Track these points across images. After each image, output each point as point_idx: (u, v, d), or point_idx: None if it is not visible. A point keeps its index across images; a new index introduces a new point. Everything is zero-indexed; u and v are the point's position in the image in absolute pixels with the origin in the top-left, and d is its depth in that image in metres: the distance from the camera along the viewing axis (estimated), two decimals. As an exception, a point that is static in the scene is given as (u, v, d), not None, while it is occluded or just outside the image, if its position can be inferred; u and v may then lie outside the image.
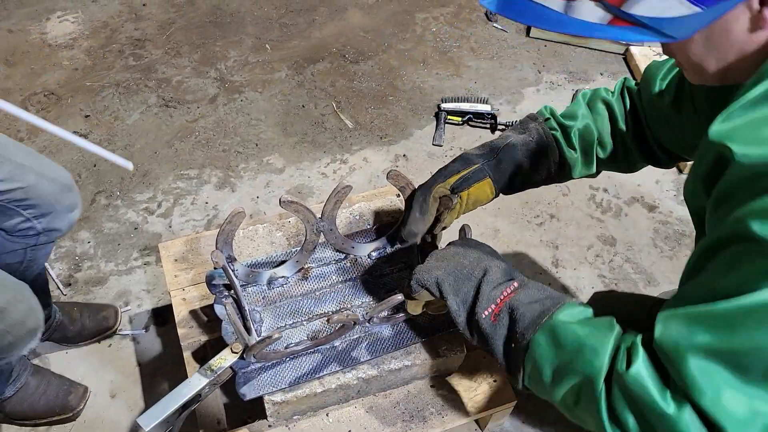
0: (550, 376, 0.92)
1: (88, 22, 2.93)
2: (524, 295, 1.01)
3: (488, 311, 1.02)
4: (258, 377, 1.31)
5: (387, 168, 2.37)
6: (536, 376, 0.95)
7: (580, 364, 0.88)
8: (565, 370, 0.90)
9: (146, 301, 1.96)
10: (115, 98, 2.59)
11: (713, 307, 0.75)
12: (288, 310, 1.42)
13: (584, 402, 0.88)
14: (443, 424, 1.44)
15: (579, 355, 0.88)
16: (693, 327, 0.77)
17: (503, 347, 1.00)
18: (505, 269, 1.08)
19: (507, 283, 1.04)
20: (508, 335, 0.99)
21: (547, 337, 0.93)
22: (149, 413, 1.15)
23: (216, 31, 2.92)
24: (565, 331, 0.92)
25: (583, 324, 0.92)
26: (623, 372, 0.82)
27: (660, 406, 0.77)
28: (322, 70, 2.75)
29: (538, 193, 2.30)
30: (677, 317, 0.80)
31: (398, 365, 1.38)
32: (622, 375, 0.81)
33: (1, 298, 1.26)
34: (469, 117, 2.51)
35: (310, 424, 1.42)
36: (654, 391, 0.79)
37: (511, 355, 0.99)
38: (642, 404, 0.79)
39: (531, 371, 0.96)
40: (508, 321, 1.00)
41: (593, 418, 0.87)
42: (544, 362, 0.93)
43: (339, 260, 1.51)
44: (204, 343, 1.54)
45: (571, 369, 0.89)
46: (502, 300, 1.01)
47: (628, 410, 0.81)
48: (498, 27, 2.99)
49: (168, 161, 2.37)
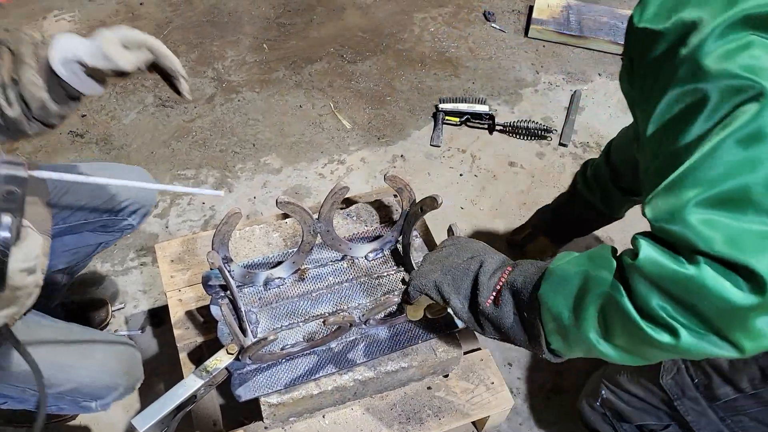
0: (569, 316, 0.90)
1: (84, 22, 2.92)
2: (518, 271, 1.01)
3: (491, 299, 1.01)
4: (254, 379, 1.30)
5: (385, 169, 2.37)
6: (558, 326, 0.93)
7: (592, 286, 0.87)
8: (581, 301, 0.88)
9: (142, 301, 1.95)
10: (111, 98, 2.58)
11: (684, 168, 0.80)
12: (284, 311, 1.41)
13: (614, 321, 0.85)
14: (440, 426, 1.44)
15: (588, 279, 0.88)
16: (676, 191, 0.80)
17: (516, 322, 0.99)
18: (498, 259, 1.08)
19: (502, 269, 1.04)
20: (516, 307, 0.99)
21: (551, 283, 0.92)
22: (144, 414, 1.15)
23: (213, 30, 2.92)
24: (565, 269, 0.92)
25: (578, 257, 0.93)
26: (633, 263, 0.81)
27: (681, 273, 0.77)
28: (319, 70, 2.75)
29: (536, 195, 2.30)
30: (660, 193, 0.82)
31: (395, 367, 1.38)
32: (635, 264, 0.81)
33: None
34: (467, 117, 2.51)
35: (306, 426, 1.41)
36: (669, 262, 0.78)
37: (525, 323, 0.98)
38: (664, 280, 0.78)
39: (551, 324, 0.94)
40: (510, 296, 1.00)
41: (630, 333, 0.84)
42: (559, 307, 0.91)
43: (336, 261, 1.50)
44: (200, 344, 1.53)
45: (587, 295, 0.87)
46: (500, 283, 1.01)
47: (655, 295, 0.79)
48: (496, 27, 2.99)
49: (165, 161, 2.36)
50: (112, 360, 1.33)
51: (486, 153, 2.45)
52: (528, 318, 0.97)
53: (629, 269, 0.83)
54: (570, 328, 0.91)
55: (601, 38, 2.87)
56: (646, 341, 0.82)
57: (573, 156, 2.44)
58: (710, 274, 0.75)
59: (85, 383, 1.28)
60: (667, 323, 0.79)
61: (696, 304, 0.77)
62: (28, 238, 0.82)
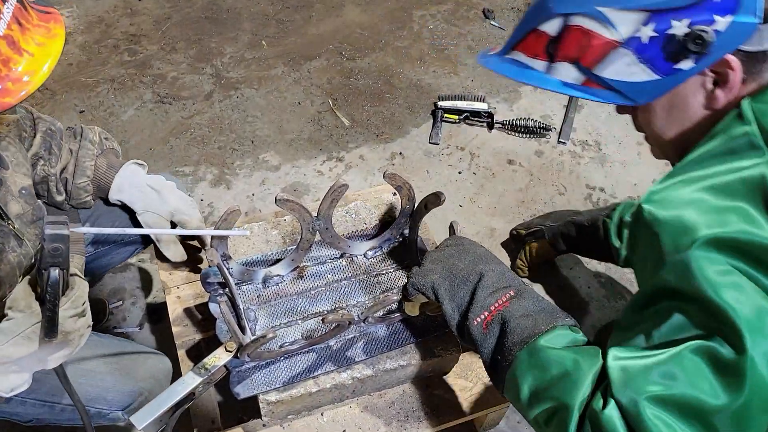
0: (527, 395, 0.93)
1: (83, 17, 2.91)
2: (518, 306, 1.01)
3: (480, 318, 1.02)
4: (252, 376, 1.30)
5: (383, 166, 2.37)
6: (515, 392, 0.96)
7: (558, 391, 0.89)
8: (543, 393, 0.91)
9: (140, 298, 1.95)
10: (110, 94, 2.57)
11: (653, 359, 0.82)
12: (283, 308, 1.41)
13: (555, 425, 0.89)
14: (438, 424, 1.44)
15: (559, 382, 0.89)
16: (643, 377, 0.82)
17: (490, 357, 1.01)
18: (500, 273, 1.07)
19: (503, 291, 1.03)
20: (496, 347, 1.00)
21: (530, 357, 0.94)
22: (143, 411, 1.14)
23: (212, 27, 2.91)
24: (549, 356, 0.92)
25: (569, 352, 0.93)
26: (598, 410, 0.83)
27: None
28: (318, 67, 2.74)
29: (535, 192, 2.30)
30: (630, 368, 0.84)
31: (393, 365, 1.38)
32: (597, 413, 0.83)
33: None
34: (466, 115, 2.51)
35: (305, 423, 1.41)
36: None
37: (496, 365, 1.00)
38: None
39: (511, 386, 0.97)
40: (498, 333, 1.00)
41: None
42: (523, 381, 0.94)
43: (335, 259, 1.50)
44: (198, 341, 1.53)
45: (549, 394, 0.90)
46: (496, 308, 1.01)
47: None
48: (495, 25, 2.98)
49: (163, 158, 2.35)
50: (137, 365, 1.35)
51: (485, 151, 2.44)
52: (500, 362, 0.99)
53: (590, 414, 0.85)
54: (522, 401, 0.95)
55: (601, 36, 2.87)
56: None
57: (572, 154, 2.44)
58: None
59: (108, 387, 1.30)
60: None
61: None
62: (75, 285, 0.88)
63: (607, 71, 0.94)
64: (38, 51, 0.95)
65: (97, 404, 1.30)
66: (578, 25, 0.94)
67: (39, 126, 1.32)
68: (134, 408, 1.33)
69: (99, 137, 1.38)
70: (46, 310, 0.85)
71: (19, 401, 1.26)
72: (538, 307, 1.01)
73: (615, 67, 0.93)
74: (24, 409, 1.28)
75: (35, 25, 0.96)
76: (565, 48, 0.96)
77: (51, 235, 0.81)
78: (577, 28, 0.94)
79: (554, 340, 0.95)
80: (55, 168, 1.31)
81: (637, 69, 0.92)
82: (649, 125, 1.01)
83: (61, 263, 0.83)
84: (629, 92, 0.94)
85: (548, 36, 0.97)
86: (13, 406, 1.26)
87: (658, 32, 0.89)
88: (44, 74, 0.94)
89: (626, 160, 2.43)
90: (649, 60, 0.91)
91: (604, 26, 0.92)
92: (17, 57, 0.92)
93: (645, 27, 0.89)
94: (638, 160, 2.43)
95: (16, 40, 0.92)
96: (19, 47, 0.92)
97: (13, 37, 0.91)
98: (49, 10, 1.02)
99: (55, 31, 0.99)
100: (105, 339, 1.38)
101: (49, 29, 0.98)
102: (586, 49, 0.94)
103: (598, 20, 0.92)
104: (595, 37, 0.93)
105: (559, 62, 0.97)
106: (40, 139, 1.31)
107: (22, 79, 0.92)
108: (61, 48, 0.98)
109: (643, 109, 0.99)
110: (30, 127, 1.31)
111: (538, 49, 0.99)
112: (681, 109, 0.96)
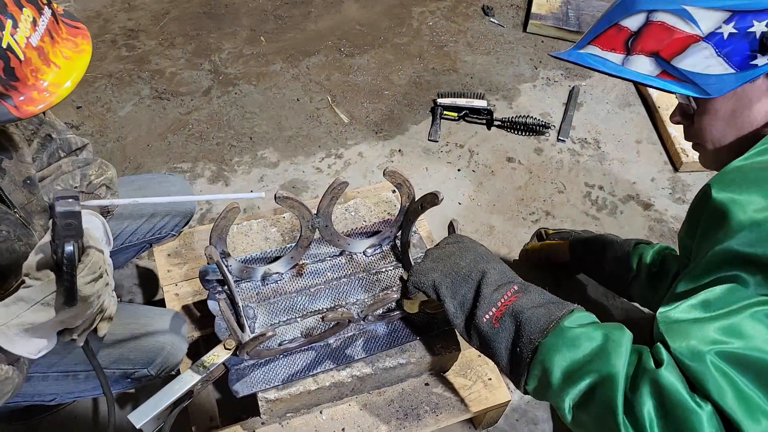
0: (559, 378, 0.91)
1: (80, 12, 2.89)
2: (527, 299, 1.00)
3: (489, 315, 1.01)
4: (251, 374, 1.30)
5: (382, 163, 2.36)
6: (544, 379, 0.94)
7: (596, 364, 0.88)
8: (579, 371, 0.90)
9: (138, 296, 1.94)
10: (107, 89, 2.56)
11: (714, 317, 0.84)
12: (282, 306, 1.41)
13: (597, 401, 0.87)
14: (437, 423, 1.43)
15: (596, 356, 0.89)
16: (704, 332, 0.84)
17: (507, 351, 0.99)
18: (502, 271, 1.07)
19: (507, 286, 1.03)
20: (514, 339, 0.98)
21: (558, 340, 0.93)
22: (141, 410, 1.14)
23: (210, 22, 2.89)
24: (578, 334, 0.92)
25: (595, 327, 0.93)
26: (654, 370, 0.83)
27: (690, 404, 0.80)
28: (317, 64, 2.73)
29: (534, 190, 2.30)
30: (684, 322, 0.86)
31: (393, 363, 1.38)
32: (654, 372, 0.83)
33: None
34: (465, 112, 2.50)
35: (304, 421, 1.41)
36: (683, 389, 0.81)
37: (515, 358, 0.98)
38: (671, 400, 0.81)
39: (539, 374, 0.95)
40: (512, 325, 0.99)
41: (601, 418, 0.86)
42: (554, 365, 0.92)
43: (334, 257, 1.50)
44: (197, 339, 1.53)
45: (587, 369, 0.89)
46: (504, 304, 1.00)
47: (653, 405, 0.82)
48: (495, 22, 2.97)
49: (161, 154, 2.34)
50: (154, 322, 1.37)
51: (484, 148, 2.44)
52: (521, 355, 0.97)
53: (646, 372, 0.85)
54: (552, 386, 0.93)
55: (600, 34, 2.86)
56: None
57: (571, 152, 2.44)
58: (710, 419, 0.79)
59: (129, 347, 1.32)
60: (643, 429, 0.82)
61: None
62: (89, 253, 0.89)
63: (685, 62, 1.01)
64: (65, 64, 0.98)
65: (121, 365, 1.32)
66: (661, 21, 1.03)
67: (41, 131, 1.31)
68: (158, 363, 1.35)
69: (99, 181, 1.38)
70: (63, 281, 0.86)
71: (40, 376, 1.27)
72: (546, 299, 1.01)
73: (693, 60, 1.00)
74: (46, 385, 1.29)
75: (64, 39, 0.99)
76: (644, 41, 1.04)
77: (63, 212, 0.82)
78: (659, 24, 1.03)
79: (577, 321, 0.95)
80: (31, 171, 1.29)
81: (714, 62, 0.99)
82: (709, 129, 1.08)
83: (75, 236, 0.85)
84: (703, 83, 1.01)
85: (629, 31, 1.06)
86: (34, 384, 1.27)
87: (738, 29, 0.97)
88: (68, 88, 0.97)
89: (625, 158, 2.43)
90: (726, 54, 0.98)
91: (686, 22, 1.00)
92: (45, 68, 0.95)
93: (727, 25, 0.97)
94: (637, 158, 2.43)
95: (47, 52, 0.95)
96: (48, 59, 0.95)
97: (44, 48, 0.94)
98: (78, 26, 1.05)
99: (82, 46, 1.02)
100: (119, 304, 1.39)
101: (77, 44, 1.01)
102: (666, 42, 1.02)
103: (681, 17, 1.01)
104: (677, 32, 1.01)
105: (636, 55, 1.05)
106: (36, 145, 1.31)
107: (47, 90, 0.95)
108: (87, 63, 1.01)
109: (705, 112, 1.07)
110: (32, 131, 1.31)
111: (616, 42, 1.08)
112: (744, 113, 1.03)
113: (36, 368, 1.25)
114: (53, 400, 1.33)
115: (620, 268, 1.70)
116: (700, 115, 1.09)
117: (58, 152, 1.35)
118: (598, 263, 1.78)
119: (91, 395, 1.37)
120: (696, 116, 1.10)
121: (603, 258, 1.75)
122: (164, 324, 1.38)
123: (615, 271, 1.72)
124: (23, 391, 1.23)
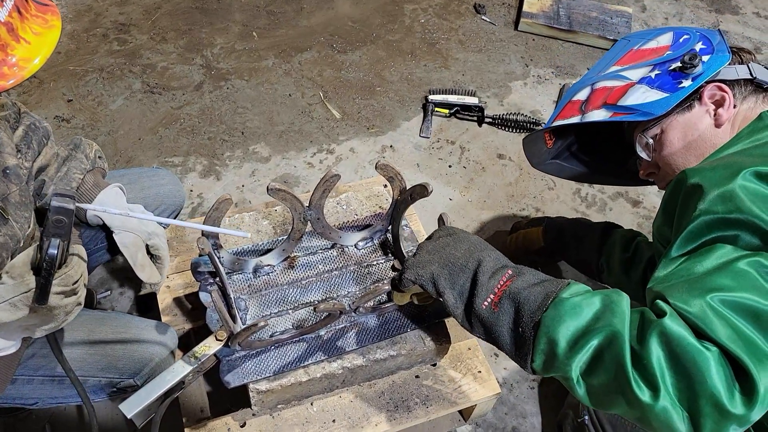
0: (565, 347, 0.93)
1: (71, 5, 2.88)
2: (522, 281, 1.01)
3: (488, 301, 1.02)
4: (242, 365, 1.30)
5: (374, 159, 2.37)
6: (550, 352, 0.95)
7: (601, 325, 0.91)
8: (584, 336, 0.91)
9: (128, 288, 1.94)
10: (98, 83, 2.55)
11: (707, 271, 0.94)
12: (274, 298, 1.41)
13: (605, 362, 0.89)
14: (427, 415, 1.45)
15: (599, 318, 0.91)
16: (701, 283, 0.91)
17: (509, 333, 1.00)
18: (496, 258, 1.08)
19: (502, 271, 1.04)
20: (515, 319, 0.99)
21: (560, 310, 0.94)
22: (131, 400, 1.14)
23: (202, 17, 2.89)
24: (579, 302, 0.94)
25: (593, 293, 0.96)
26: (659, 321, 0.87)
27: (697, 347, 0.84)
28: (309, 59, 2.73)
29: (524, 186, 2.31)
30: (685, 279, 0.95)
31: (384, 355, 1.38)
32: (660, 323, 0.87)
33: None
34: (457, 109, 2.51)
35: (294, 413, 1.41)
36: (690, 335, 0.86)
37: (518, 338, 0.99)
38: (679, 346, 0.85)
39: (545, 347, 0.95)
40: (511, 307, 1.00)
41: (611, 378, 0.88)
42: (558, 335, 0.93)
43: (326, 249, 1.50)
44: (188, 330, 1.53)
45: (592, 333, 0.91)
46: (501, 288, 1.01)
47: (662, 352, 0.86)
48: (486, 20, 2.99)
49: (152, 148, 2.34)
50: (145, 333, 1.36)
51: (475, 145, 2.45)
52: (523, 334, 0.98)
53: (652, 323, 0.88)
54: (559, 356, 0.94)
55: (590, 33, 2.89)
56: (622, 390, 0.87)
57: (561, 149, 2.46)
58: (719, 362, 0.83)
59: (118, 356, 1.31)
60: (654, 379, 0.85)
61: (692, 378, 0.84)
62: (71, 263, 0.91)
63: (629, 100, 1.28)
64: (35, 40, 0.98)
65: (108, 373, 1.31)
66: (602, 85, 1.36)
67: (23, 119, 1.30)
68: (145, 374, 1.34)
69: (94, 154, 1.37)
70: (40, 278, 0.87)
71: (26, 379, 1.25)
72: (540, 278, 1.02)
73: (634, 96, 1.27)
74: (31, 388, 1.27)
75: (33, 15, 0.99)
76: (593, 102, 1.34)
77: (56, 207, 0.84)
78: (602, 88, 1.35)
79: (574, 291, 0.97)
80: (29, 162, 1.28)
81: (651, 93, 1.26)
82: (673, 160, 1.27)
83: (62, 235, 0.86)
84: (647, 108, 1.24)
85: (580, 100, 1.39)
86: (19, 386, 1.26)
87: (661, 71, 1.27)
88: (38, 64, 0.98)
89: (615, 155, 2.45)
90: (659, 86, 1.25)
91: (621, 80, 1.32)
92: (14, 44, 0.95)
93: (652, 72, 1.29)
94: (626, 155, 2.45)
95: (15, 27, 0.95)
96: (17, 35, 0.95)
97: (12, 24, 0.94)
98: (47, 2, 1.05)
99: (52, 22, 1.02)
100: (111, 313, 1.39)
101: (47, 20, 1.01)
102: (610, 94, 1.32)
103: (616, 78, 1.33)
104: (617, 87, 1.32)
105: (590, 111, 1.34)
106: (22, 132, 1.29)
107: (17, 65, 0.95)
108: (57, 39, 1.02)
109: (662, 148, 1.28)
110: (14, 119, 1.29)
111: (573, 110, 1.39)
112: (694, 135, 1.24)
113: (22, 371, 1.24)
114: (35, 404, 1.31)
115: (591, 256, 1.77)
116: (660, 153, 1.28)
117: (43, 139, 1.33)
118: (570, 250, 1.85)
119: (75, 402, 1.35)
120: (656, 156, 1.30)
121: (577, 245, 1.82)
122: (154, 335, 1.37)
123: (587, 258, 1.78)
124: (6, 393, 1.23)
